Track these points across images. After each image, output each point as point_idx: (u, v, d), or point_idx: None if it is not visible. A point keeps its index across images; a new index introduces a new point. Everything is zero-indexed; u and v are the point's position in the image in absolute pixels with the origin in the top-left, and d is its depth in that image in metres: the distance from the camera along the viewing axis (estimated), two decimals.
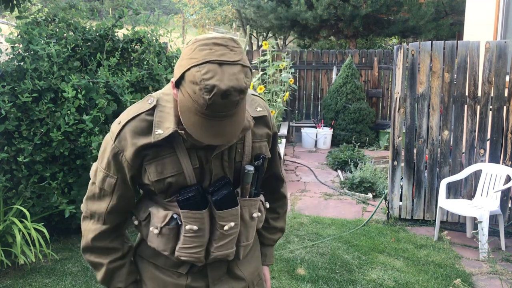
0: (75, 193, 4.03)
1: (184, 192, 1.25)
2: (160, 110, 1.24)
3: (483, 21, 6.13)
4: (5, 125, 3.64)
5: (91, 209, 1.35)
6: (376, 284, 3.41)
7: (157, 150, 1.24)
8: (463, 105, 4.54)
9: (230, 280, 1.41)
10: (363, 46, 16.09)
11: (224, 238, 1.31)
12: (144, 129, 1.24)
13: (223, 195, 1.26)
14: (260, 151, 1.36)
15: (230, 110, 1.09)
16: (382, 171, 6.26)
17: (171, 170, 1.24)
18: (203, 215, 1.27)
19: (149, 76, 4.48)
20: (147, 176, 1.26)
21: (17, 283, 3.37)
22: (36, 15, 4.37)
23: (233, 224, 1.30)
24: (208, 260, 1.33)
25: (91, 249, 1.37)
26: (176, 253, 1.30)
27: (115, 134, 1.26)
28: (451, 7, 13.51)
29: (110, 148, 1.27)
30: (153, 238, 1.33)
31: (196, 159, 1.26)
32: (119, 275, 1.38)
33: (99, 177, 1.32)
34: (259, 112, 1.36)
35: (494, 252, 4.01)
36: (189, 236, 1.28)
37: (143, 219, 1.35)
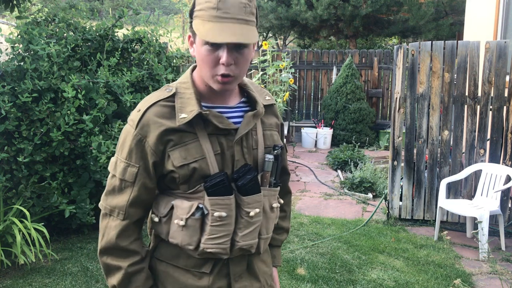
0: (75, 193, 4.03)
1: (211, 179, 1.25)
2: (180, 97, 1.27)
3: (483, 21, 6.13)
4: (5, 125, 3.64)
5: (111, 204, 1.31)
6: (376, 284, 3.41)
7: (180, 135, 1.25)
8: (463, 105, 4.54)
9: (249, 277, 1.40)
10: (363, 46, 16.10)
11: (249, 226, 1.30)
12: (166, 114, 1.26)
13: (248, 179, 1.27)
14: (271, 140, 1.38)
15: (240, 13, 1.17)
16: (382, 171, 6.26)
17: (194, 155, 1.25)
18: (231, 201, 1.27)
19: (149, 76, 4.48)
20: (171, 163, 1.25)
21: (17, 283, 3.37)
22: (36, 15, 4.37)
23: (258, 211, 1.30)
24: (232, 252, 1.31)
25: (112, 250, 1.30)
26: (202, 246, 1.28)
27: (136, 122, 1.27)
28: (451, 7, 13.50)
29: (132, 136, 1.27)
30: (177, 233, 1.29)
31: (218, 145, 1.27)
32: (137, 280, 1.32)
33: (119, 168, 1.29)
34: (268, 101, 1.40)
35: (494, 252, 4.01)
36: (216, 225, 1.26)
37: (164, 214, 1.32)
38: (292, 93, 9.32)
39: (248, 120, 1.30)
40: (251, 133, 1.32)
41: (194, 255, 1.31)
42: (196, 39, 1.23)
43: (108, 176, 1.33)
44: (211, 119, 1.25)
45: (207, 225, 1.27)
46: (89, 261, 3.73)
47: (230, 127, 1.27)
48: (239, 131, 1.28)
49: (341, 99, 8.69)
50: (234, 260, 1.36)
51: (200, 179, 1.27)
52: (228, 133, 1.28)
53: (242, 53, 1.21)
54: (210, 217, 1.26)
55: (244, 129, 1.29)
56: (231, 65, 1.21)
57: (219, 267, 1.34)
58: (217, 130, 1.27)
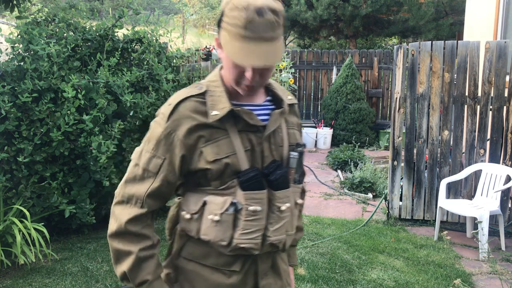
0: (75, 193, 4.03)
1: (245, 174, 1.28)
2: (211, 94, 1.30)
3: (483, 21, 6.13)
4: (5, 125, 3.64)
5: (129, 192, 1.31)
6: (376, 284, 3.41)
7: (211, 132, 1.28)
8: (463, 105, 4.54)
9: (273, 275, 1.43)
10: (363, 46, 16.09)
11: (279, 221, 1.33)
12: (198, 109, 1.28)
13: (279, 174, 1.30)
14: (294, 138, 1.41)
15: (267, 32, 1.18)
16: (382, 171, 6.26)
17: (226, 151, 1.27)
18: (264, 196, 1.29)
19: (149, 76, 4.48)
20: (203, 159, 1.27)
21: (17, 283, 3.37)
22: (36, 15, 4.37)
23: (288, 205, 1.33)
24: (263, 247, 1.33)
25: (122, 234, 1.31)
26: (235, 241, 1.29)
27: (166, 115, 1.28)
28: (451, 7, 13.50)
29: (162, 128, 1.28)
30: (210, 229, 1.30)
31: (247, 142, 1.30)
32: (148, 266, 1.32)
33: (144, 158, 1.31)
34: (291, 100, 1.44)
35: (494, 252, 4.01)
36: (249, 219, 1.29)
37: (195, 211, 1.32)
38: (292, 93, 9.32)
39: (276, 117, 1.34)
40: (278, 130, 1.36)
41: (226, 252, 1.32)
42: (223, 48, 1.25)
43: (130, 164, 1.34)
44: (242, 115, 1.28)
45: (241, 220, 1.29)
46: (89, 261, 3.73)
47: (259, 124, 1.30)
48: (268, 128, 1.32)
49: (341, 99, 8.69)
50: (262, 257, 1.38)
51: (232, 175, 1.29)
52: (257, 130, 1.31)
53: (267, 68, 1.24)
54: (244, 212, 1.28)
55: (273, 126, 1.33)
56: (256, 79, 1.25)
57: (248, 264, 1.36)
58: (247, 126, 1.30)
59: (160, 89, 4.48)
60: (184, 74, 4.86)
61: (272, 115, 1.34)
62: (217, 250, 1.33)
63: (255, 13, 1.16)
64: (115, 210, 1.34)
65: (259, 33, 1.18)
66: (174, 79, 4.73)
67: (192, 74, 4.99)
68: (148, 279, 1.32)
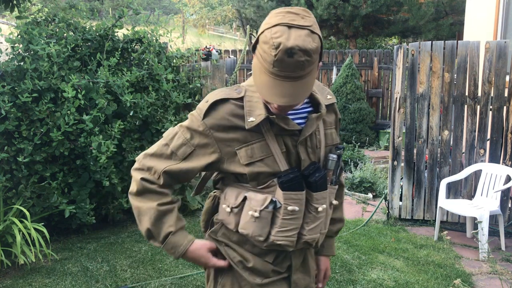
0: (75, 193, 4.03)
1: (285, 175, 1.31)
2: (248, 100, 1.33)
3: (483, 21, 6.13)
4: (5, 125, 3.64)
5: (149, 164, 1.37)
6: (376, 284, 3.41)
7: (246, 135, 1.31)
8: (463, 105, 4.54)
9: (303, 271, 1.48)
10: (363, 46, 16.09)
11: (315, 221, 1.38)
12: (236, 113, 1.32)
13: (318, 177, 1.34)
14: (331, 138, 1.44)
15: (296, 71, 1.18)
16: (382, 171, 6.26)
17: (260, 154, 1.31)
18: (302, 196, 1.33)
19: (149, 76, 4.48)
20: (238, 161, 1.32)
21: (17, 283, 3.37)
22: (36, 15, 4.37)
23: (325, 206, 1.38)
24: (297, 244, 1.38)
25: (142, 193, 1.37)
26: (272, 238, 1.34)
27: (203, 111, 1.32)
28: (451, 7, 13.50)
29: (198, 123, 1.33)
30: (249, 224, 1.35)
31: (283, 145, 1.33)
32: (169, 220, 1.37)
33: (176, 142, 1.35)
34: (329, 100, 1.46)
35: (494, 252, 4.01)
36: (287, 218, 1.33)
37: (236, 205, 1.37)
38: None
39: (312, 122, 1.36)
40: (315, 133, 1.39)
41: (261, 246, 1.37)
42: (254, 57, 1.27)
43: (160, 142, 1.39)
44: (278, 122, 1.30)
45: (278, 218, 1.34)
46: (89, 261, 3.73)
47: (295, 128, 1.33)
48: (303, 133, 1.34)
49: (341, 99, 8.68)
50: (295, 253, 1.43)
51: (269, 176, 1.33)
52: (293, 133, 1.34)
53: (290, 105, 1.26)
54: (282, 210, 1.33)
55: (308, 131, 1.35)
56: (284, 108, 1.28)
57: (281, 258, 1.42)
58: (283, 131, 1.33)
59: (160, 89, 4.48)
60: (184, 74, 4.86)
61: (309, 119, 1.35)
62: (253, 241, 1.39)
63: (285, 53, 1.15)
64: (134, 174, 1.40)
65: (287, 73, 1.18)
66: (174, 79, 4.73)
67: (192, 74, 4.99)
68: (171, 230, 1.37)
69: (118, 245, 4.05)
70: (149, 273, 3.52)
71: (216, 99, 1.32)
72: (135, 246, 4.04)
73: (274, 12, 1.24)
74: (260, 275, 1.41)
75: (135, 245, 4.06)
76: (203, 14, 25.52)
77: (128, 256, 3.83)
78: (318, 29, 1.22)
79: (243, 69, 9.70)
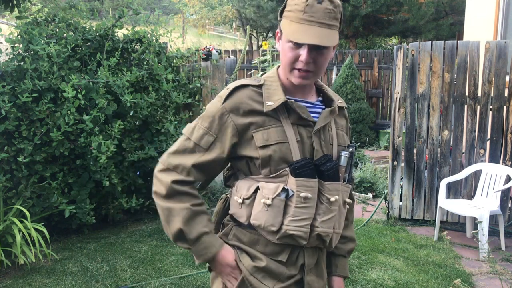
0: (75, 193, 4.03)
1: (298, 162, 1.33)
2: (267, 88, 1.38)
3: (483, 21, 6.13)
4: (5, 125, 3.64)
5: (175, 162, 1.36)
6: (376, 284, 3.41)
7: (264, 119, 1.35)
8: (463, 105, 4.54)
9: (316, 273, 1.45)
10: (363, 46, 16.09)
11: (328, 213, 1.38)
12: (255, 98, 1.36)
13: (330, 165, 1.36)
14: (343, 139, 1.47)
15: (324, 18, 1.28)
16: (382, 171, 6.26)
17: (275, 138, 1.33)
18: (315, 184, 1.35)
19: (149, 76, 4.48)
20: (253, 144, 1.34)
21: (17, 283, 3.37)
22: (36, 15, 4.37)
23: (337, 197, 1.38)
24: (310, 238, 1.37)
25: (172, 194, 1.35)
26: (285, 227, 1.34)
27: (223, 97, 1.36)
28: (451, 7, 13.50)
29: (217, 109, 1.35)
30: (261, 213, 1.34)
31: (298, 134, 1.36)
32: (202, 220, 1.36)
33: (197, 133, 1.36)
34: (341, 103, 1.49)
35: (494, 252, 4.01)
36: (300, 206, 1.34)
37: (248, 196, 1.37)
38: None
39: (326, 115, 1.40)
40: (328, 128, 1.42)
41: (274, 239, 1.36)
42: (282, 36, 1.35)
43: (181, 138, 1.40)
44: (295, 108, 1.35)
45: (291, 207, 1.34)
46: (89, 261, 3.73)
47: (310, 119, 1.37)
48: (318, 123, 1.38)
49: None
50: (309, 252, 1.42)
51: (282, 163, 1.34)
52: (308, 124, 1.38)
53: (321, 53, 1.32)
54: (294, 198, 1.33)
55: (322, 122, 1.39)
56: (310, 63, 1.32)
57: (295, 256, 1.40)
58: (299, 120, 1.37)
59: (160, 89, 4.49)
60: (184, 74, 4.86)
61: (323, 112, 1.40)
62: (265, 238, 1.37)
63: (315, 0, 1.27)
64: (159, 176, 1.38)
65: (317, 18, 1.27)
66: (174, 79, 4.73)
67: (192, 74, 5.00)
68: (205, 230, 1.36)
69: (118, 245, 4.05)
70: (149, 273, 3.52)
71: (236, 85, 1.38)
72: (135, 246, 4.04)
73: None
74: (273, 278, 1.38)
75: (135, 245, 4.06)
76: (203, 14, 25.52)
77: (128, 256, 3.83)
78: None
79: (243, 69, 9.69)
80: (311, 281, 1.42)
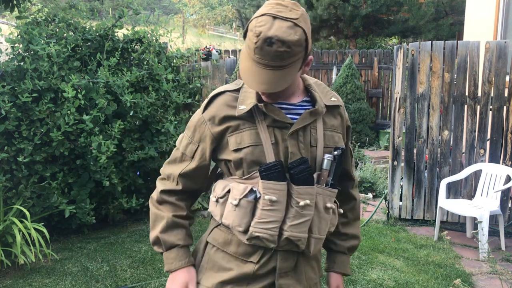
0: (75, 193, 4.03)
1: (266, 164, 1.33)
2: (245, 91, 1.40)
3: (483, 21, 6.13)
4: (5, 125, 3.64)
5: (168, 172, 1.47)
6: (376, 284, 3.41)
7: (238, 123, 1.37)
8: (463, 105, 4.54)
9: (294, 278, 1.42)
10: (363, 46, 16.08)
11: (298, 217, 1.34)
12: (230, 103, 1.39)
13: (300, 169, 1.33)
14: (332, 141, 1.42)
15: (274, 60, 1.24)
16: (382, 171, 6.26)
17: (248, 141, 1.34)
18: (282, 187, 1.33)
19: (149, 76, 4.48)
20: (228, 148, 1.37)
21: (17, 283, 3.37)
22: (36, 15, 4.37)
23: (308, 202, 1.34)
24: (280, 242, 1.35)
25: (160, 202, 1.46)
26: (251, 229, 1.34)
27: (203, 107, 1.42)
28: (451, 7, 13.50)
29: (198, 118, 1.42)
30: (230, 213, 1.37)
31: (273, 136, 1.36)
32: (179, 233, 1.45)
33: (183, 143, 1.45)
34: (333, 102, 1.46)
35: (494, 252, 4.01)
36: (266, 209, 1.33)
37: (221, 196, 1.41)
38: None
39: (305, 116, 1.37)
40: (310, 130, 1.38)
41: (244, 240, 1.37)
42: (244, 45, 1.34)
43: (174, 149, 1.50)
44: (266, 111, 1.35)
45: (258, 209, 1.34)
46: (89, 261, 3.73)
47: (286, 121, 1.36)
48: (294, 125, 1.36)
49: (341, 99, 8.69)
50: (282, 255, 1.39)
51: (254, 165, 1.35)
52: (284, 126, 1.36)
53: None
54: (261, 200, 1.33)
55: (299, 124, 1.36)
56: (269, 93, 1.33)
57: (266, 258, 1.39)
58: (274, 122, 1.36)
59: (160, 89, 4.49)
60: (184, 74, 4.86)
61: (303, 114, 1.38)
62: (237, 238, 1.39)
63: (264, 42, 1.22)
64: (157, 183, 1.51)
65: (266, 61, 1.24)
66: (174, 79, 4.73)
67: (192, 74, 5.00)
68: (179, 243, 1.44)
69: (118, 245, 4.05)
70: (149, 273, 3.52)
71: (214, 93, 1.41)
72: (135, 246, 4.04)
73: (266, 3, 1.30)
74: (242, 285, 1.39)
75: (135, 245, 4.06)
76: (203, 14, 25.52)
77: (128, 256, 3.83)
78: (306, 23, 1.27)
79: None
80: (286, 285, 1.40)
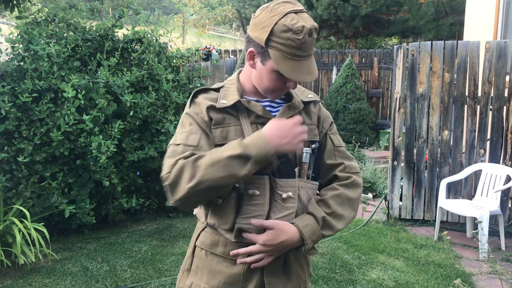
0: (75, 193, 4.03)
1: None
2: (225, 90, 1.44)
3: (483, 21, 6.13)
4: (5, 125, 3.64)
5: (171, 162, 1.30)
6: (376, 284, 3.41)
7: (223, 117, 1.39)
8: (463, 105, 4.54)
9: (283, 276, 1.43)
10: (363, 46, 16.08)
11: (282, 210, 1.36)
12: (211, 97, 1.43)
13: (281, 162, 1.36)
14: (312, 134, 1.46)
15: (312, 48, 1.33)
16: (382, 171, 6.26)
17: (233, 137, 1.36)
18: (264, 181, 1.35)
19: (149, 76, 4.48)
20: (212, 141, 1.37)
21: (17, 283, 3.37)
22: (36, 15, 4.37)
23: (291, 194, 1.36)
24: None
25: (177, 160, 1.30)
26: (237, 225, 1.35)
27: (189, 103, 1.44)
28: (451, 7, 13.50)
29: (189, 112, 1.42)
30: (215, 212, 1.38)
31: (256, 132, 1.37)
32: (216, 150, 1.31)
33: (181, 137, 1.36)
34: (310, 98, 1.51)
35: (494, 252, 4.01)
36: (250, 204, 1.34)
37: None
38: None
39: (284, 110, 1.43)
40: None
41: (231, 238, 1.37)
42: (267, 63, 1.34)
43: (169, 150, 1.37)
44: (249, 107, 1.39)
45: (242, 205, 1.35)
46: (89, 261, 3.73)
47: (268, 116, 1.40)
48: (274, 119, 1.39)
49: (341, 99, 8.68)
50: None
51: None
52: (267, 122, 1.37)
53: None
54: (245, 196, 1.34)
55: (279, 117, 1.40)
56: None
57: None
58: (257, 118, 1.40)
59: (160, 89, 4.49)
60: (184, 74, 4.86)
61: (281, 108, 1.43)
62: (224, 238, 1.39)
63: (308, 34, 1.29)
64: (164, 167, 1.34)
65: (309, 51, 1.32)
66: (174, 79, 4.73)
67: (192, 74, 5.00)
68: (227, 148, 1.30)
69: (118, 245, 4.05)
70: (149, 273, 3.52)
71: (197, 90, 1.46)
72: (135, 246, 4.04)
73: (272, 5, 1.33)
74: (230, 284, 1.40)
75: (135, 245, 4.06)
76: (203, 14, 25.51)
77: (128, 256, 3.83)
78: None
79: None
80: (275, 282, 1.40)
